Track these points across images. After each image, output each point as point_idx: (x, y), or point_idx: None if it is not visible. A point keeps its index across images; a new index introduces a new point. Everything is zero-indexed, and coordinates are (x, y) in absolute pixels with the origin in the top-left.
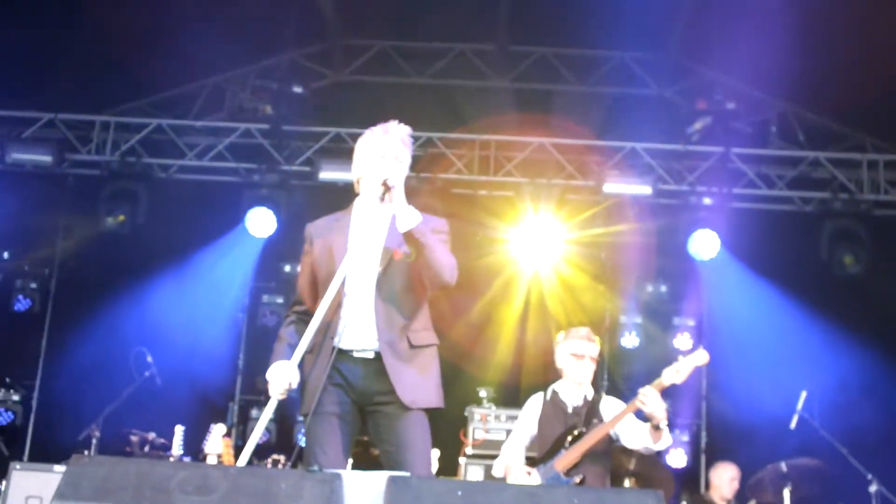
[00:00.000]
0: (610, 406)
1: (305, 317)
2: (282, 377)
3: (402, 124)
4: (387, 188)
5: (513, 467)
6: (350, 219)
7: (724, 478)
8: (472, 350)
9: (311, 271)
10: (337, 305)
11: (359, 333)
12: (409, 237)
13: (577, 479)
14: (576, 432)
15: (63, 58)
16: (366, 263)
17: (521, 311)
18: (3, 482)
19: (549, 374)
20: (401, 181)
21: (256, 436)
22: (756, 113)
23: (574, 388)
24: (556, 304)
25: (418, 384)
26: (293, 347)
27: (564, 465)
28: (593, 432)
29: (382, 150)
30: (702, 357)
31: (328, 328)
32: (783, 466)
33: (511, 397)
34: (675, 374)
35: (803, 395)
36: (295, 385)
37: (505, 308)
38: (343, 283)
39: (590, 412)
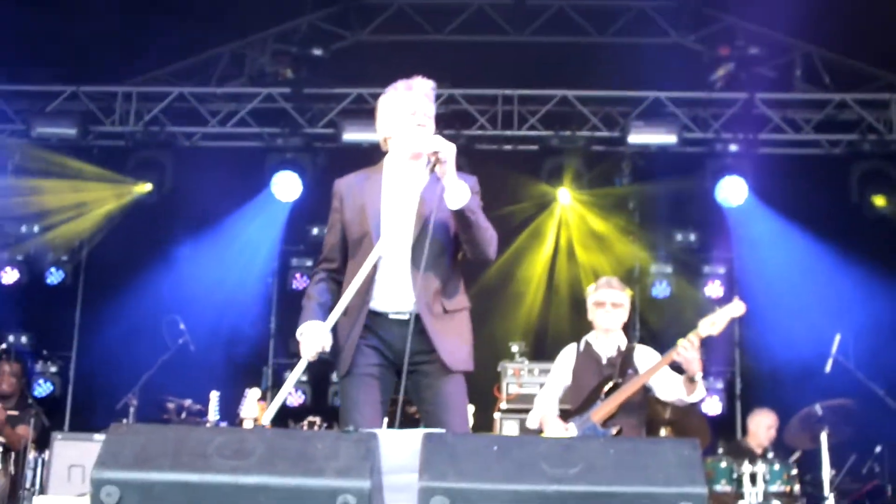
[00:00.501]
0: (644, 356)
1: (335, 275)
2: (314, 339)
3: (424, 79)
4: (438, 162)
5: (548, 419)
6: (381, 177)
7: (762, 425)
8: (503, 304)
9: (342, 229)
10: (373, 267)
11: (394, 296)
12: (458, 215)
13: (614, 430)
14: (612, 383)
15: (83, 30)
16: (400, 225)
17: (549, 264)
18: (46, 452)
19: (579, 326)
20: (453, 155)
21: (283, 394)
22: (779, 57)
23: (606, 338)
24: (585, 256)
25: (457, 347)
26: (323, 307)
27: (601, 417)
28: (629, 383)
29: (410, 107)
30: (738, 308)
31: (363, 290)
32: (818, 409)
33: (542, 350)
34: (710, 326)
35: (837, 338)
36: (328, 349)
37: (534, 261)
38: (378, 246)
39: (624, 363)
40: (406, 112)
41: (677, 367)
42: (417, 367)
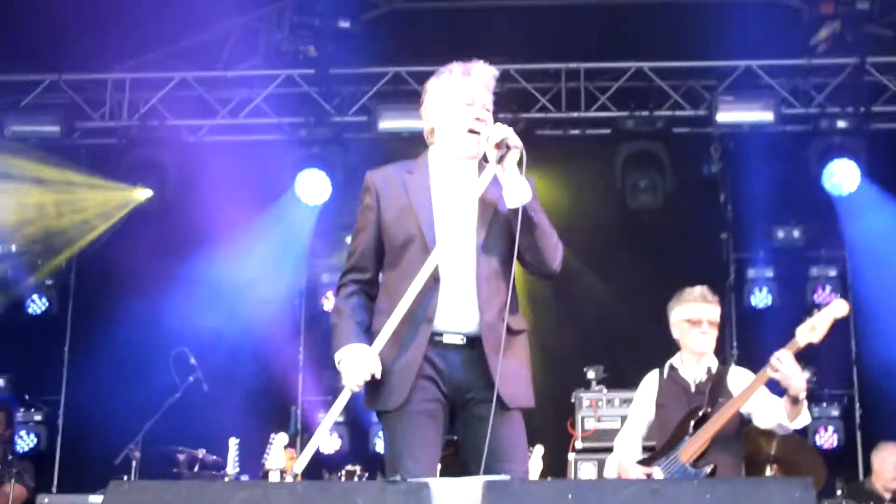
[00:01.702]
0: (740, 379)
1: (369, 287)
2: (362, 365)
3: (486, 64)
4: (508, 150)
5: (627, 465)
6: (429, 173)
7: (889, 462)
8: (575, 322)
9: (377, 231)
10: (432, 280)
11: (454, 315)
12: (520, 214)
13: (708, 470)
14: (700, 414)
15: (64, 6)
16: (459, 229)
17: (628, 270)
18: None
19: (667, 344)
20: (520, 144)
21: (319, 437)
22: (895, 11)
23: (694, 361)
24: (671, 258)
25: (518, 378)
26: (363, 325)
27: (690, 455)
28: (721, 412)
29: (467, 96)
30: (840, 308)
31: (419, 306)
32: None
33: (624, 376)
34: (810, 332)
35: None
36: (378, 376)
37: (609, 268)
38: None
39: (715, 388)
40: (461, 101)
41: (778, 390)
42: (472, 403)
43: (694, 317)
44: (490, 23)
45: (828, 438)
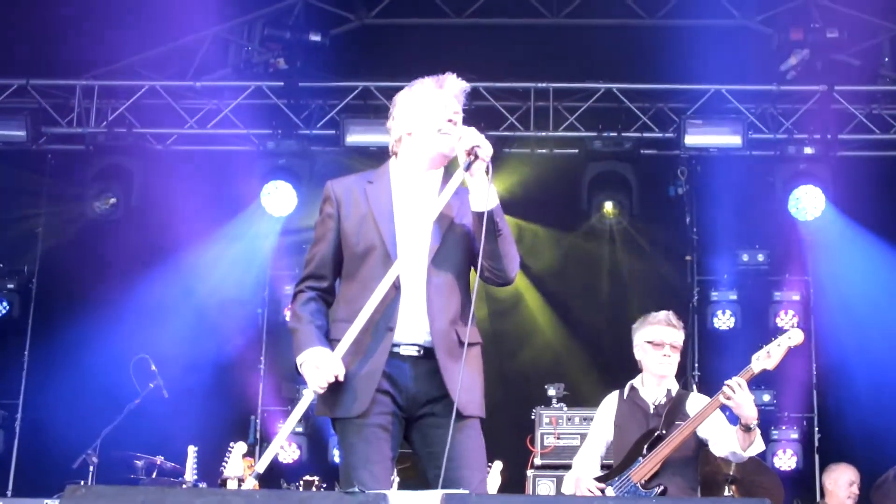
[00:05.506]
0: (699, 404)
1: (326, 295)
2: (326, 367)
3: (457, 77)
4: (476, 159)
5: (583, 482)
6: (389, 183)
7: (841, 482)
8: (538, 340)
9: (336, 240)
10: (393, 290)
11: (410, 325)
12: (486, 219)
13: (658, 491)
14: (655, 435)
15: (34, 12)
16: (416, 239)
17: (591, 290)
18: None
19: (627, 364)
20: (490, 153)
21: (280, 439)
22: (863, 41)
23: (655, 383)
24: (635, 281)
25: (471, 388)
26: (322, 330)
27: (642, 476)
28: (673, 435)
29: (440, 103)
30: (796, 337)
31: (380, 318)
32: None
33: (584, 394)
34: (765, 359)
35: None
36: (341, 378)
37: (573, 287)
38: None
39: (672, 411)
40: (434, 107)
41: (733, 417)
42: (428, 415)
43: (657, 339)
44: (460, 40)
45: (786, 461)
